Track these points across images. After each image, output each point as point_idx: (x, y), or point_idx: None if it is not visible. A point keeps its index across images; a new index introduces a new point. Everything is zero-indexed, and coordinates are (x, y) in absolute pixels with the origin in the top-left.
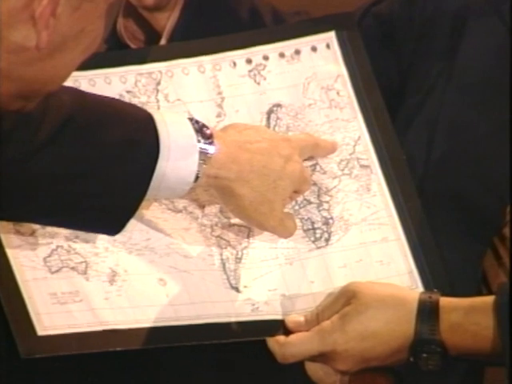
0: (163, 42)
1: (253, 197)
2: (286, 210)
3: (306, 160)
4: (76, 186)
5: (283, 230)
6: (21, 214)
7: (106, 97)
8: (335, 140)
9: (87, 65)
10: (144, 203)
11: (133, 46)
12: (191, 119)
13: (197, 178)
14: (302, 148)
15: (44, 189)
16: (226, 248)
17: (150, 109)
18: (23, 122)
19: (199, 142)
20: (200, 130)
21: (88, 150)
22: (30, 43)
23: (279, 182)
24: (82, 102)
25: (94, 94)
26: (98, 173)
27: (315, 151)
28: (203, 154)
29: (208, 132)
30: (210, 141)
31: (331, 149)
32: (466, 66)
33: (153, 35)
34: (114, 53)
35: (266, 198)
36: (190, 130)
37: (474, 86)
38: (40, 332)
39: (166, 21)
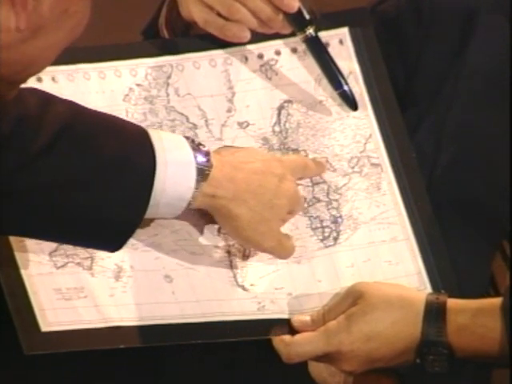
0: None
1: (250, 216)
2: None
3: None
4: (73, 197)
5: (282, 250)
6: (17, 227)
7: (100, 111)
8: (324, 160)
9: (97, 57)
10: None
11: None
12: (187, 137)
13: (194, 196)
14: (294, 168)
15: (40, 199)
16: (233, 245)
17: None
18: (19, 131)
19: (196, 158)
20: (197, 147)
21: (84, 160)
22: (10, 24)
23: (275, 200)
24: (77, 114)
25: (89, 108)
26: (95, 184)
27: (305, 172)
28: (201, 171)
29: (205, 149)
30: (207, 158)
31: (319, 170)
32: (474, 67)
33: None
34: (124, 45)
35: (263, 218)
36: (186, 146)
37: (482, 87)
38: (44, 328)
39: None
